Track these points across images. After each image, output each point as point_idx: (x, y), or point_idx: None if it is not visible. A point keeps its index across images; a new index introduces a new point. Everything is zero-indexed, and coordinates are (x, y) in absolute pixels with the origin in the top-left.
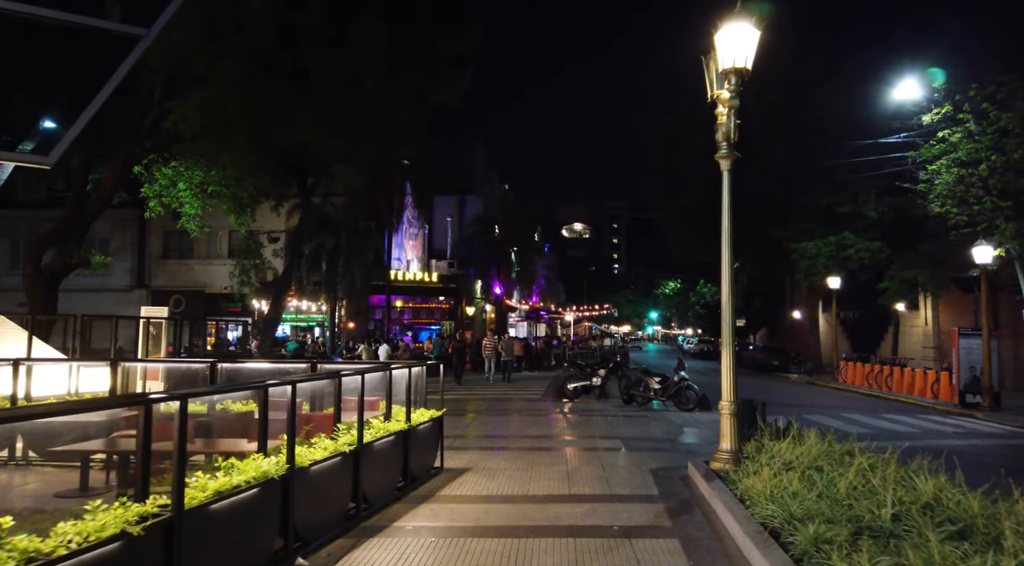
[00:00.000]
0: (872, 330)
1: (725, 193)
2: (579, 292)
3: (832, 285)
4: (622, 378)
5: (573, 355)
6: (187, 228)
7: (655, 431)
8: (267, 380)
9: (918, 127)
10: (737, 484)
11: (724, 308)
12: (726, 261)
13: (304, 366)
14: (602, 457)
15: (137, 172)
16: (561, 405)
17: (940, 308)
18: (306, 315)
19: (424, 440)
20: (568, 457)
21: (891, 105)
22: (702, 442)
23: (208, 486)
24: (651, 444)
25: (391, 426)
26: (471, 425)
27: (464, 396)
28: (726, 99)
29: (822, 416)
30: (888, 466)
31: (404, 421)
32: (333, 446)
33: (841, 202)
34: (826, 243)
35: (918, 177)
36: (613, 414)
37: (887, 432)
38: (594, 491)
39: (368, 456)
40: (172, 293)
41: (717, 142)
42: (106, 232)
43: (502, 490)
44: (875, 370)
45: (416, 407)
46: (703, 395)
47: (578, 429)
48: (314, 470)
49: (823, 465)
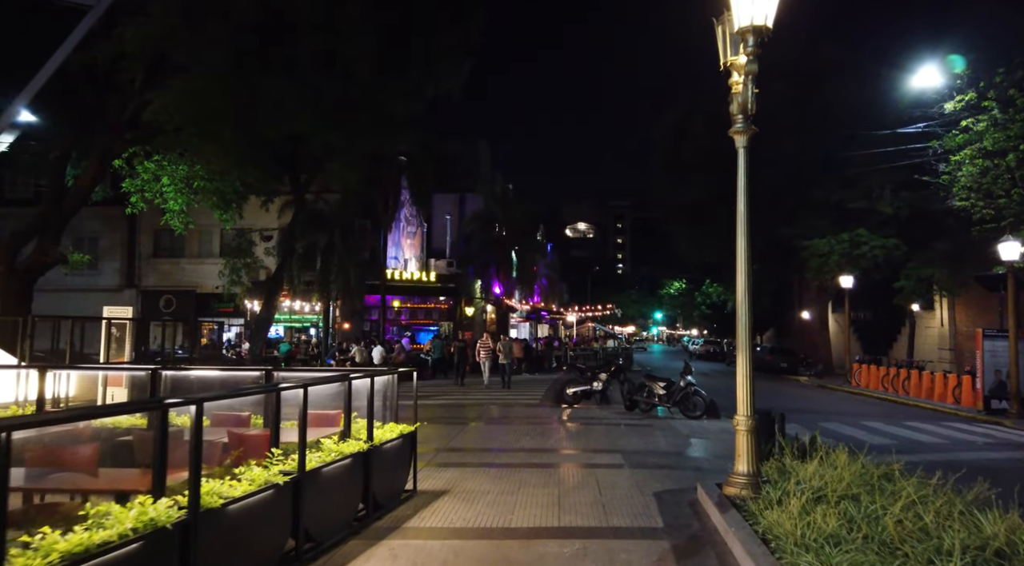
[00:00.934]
0: (884, 331)
1: (741, 173)
2: (583, 292)
3: (844, 284)
4: (624, 382)
5: (574, 357)
6: (171, 225)
7: (660, 442)
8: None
9: (939, 116)
10: (758, 518)
11: (739, 306)
12: (742, 251)
13: (257, 375)
14: (599, 476)
15: (118, 166)
16: (560, 412)
17: (956, 308)
18: (300, 316)
19: (392, 460)
20: (561, 476)
21: (910, 93)
22: (712, 456)
23: (56, 547)
24: (655, 459)
25: (346, 447)
26: (459, 435)
27: (458, 401)
28: (742, 65)
29: (839, 424)
30: (940, 496)
31: (366, 440)
32: (263, 477)
33: (854, 198)
34: (839, 240)
35: (938, 170)
36: (614, 422)
37: (912, 443)
38: (588, 522)
39: (314, 485)
40: (163, 293)
41: (731, 115)
42: (95, 230)
43: (480, 520)
44: (891, 373)
45: (385, 421)
46: (711, 401)
47: (575, 440)
48: (232, 510)
49: (859, 494)
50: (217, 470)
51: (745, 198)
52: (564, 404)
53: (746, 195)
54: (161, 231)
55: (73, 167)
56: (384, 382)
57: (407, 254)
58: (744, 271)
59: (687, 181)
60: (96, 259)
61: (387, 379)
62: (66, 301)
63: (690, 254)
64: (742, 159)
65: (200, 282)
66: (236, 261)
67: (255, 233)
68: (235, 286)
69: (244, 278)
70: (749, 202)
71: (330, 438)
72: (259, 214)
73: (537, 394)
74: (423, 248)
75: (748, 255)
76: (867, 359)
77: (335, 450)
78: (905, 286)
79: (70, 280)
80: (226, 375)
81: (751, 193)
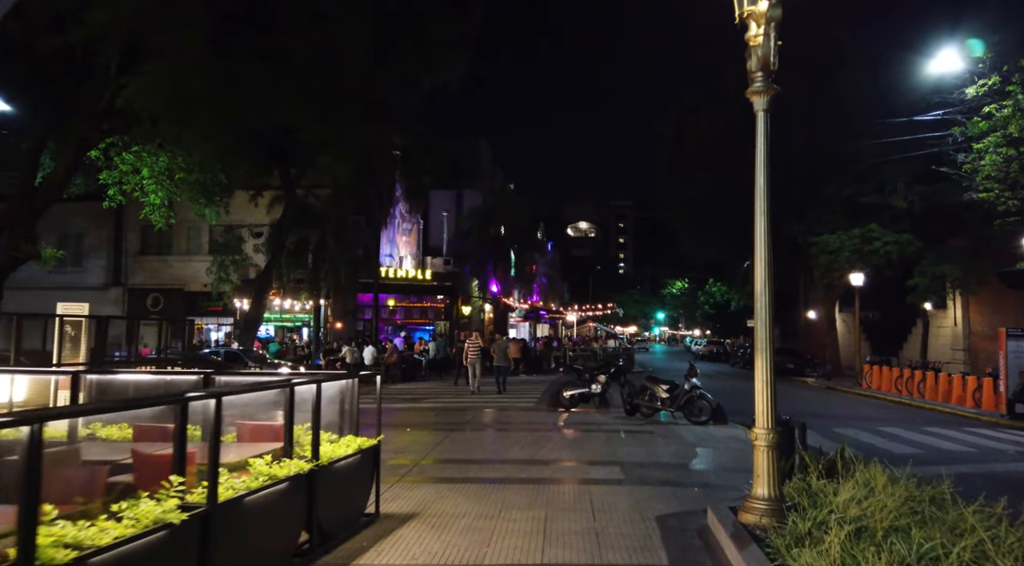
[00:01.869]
0: (893, 331)
1: (760, 141)
2: (584, 292)
3: (854, 282)
4: (625, 385)
5: (573, 357)
6: (152, 219)
7: (663, 452)
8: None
9: (960, 102)
10: (784, 558)
11: (758, 298)
12: (762, 234)
13: (195, 379)
14: (594, 495)
15: (94, 157)
16: (555, 416)
17: (971, 307)
18: (292, 315)
19: (346, 481)
20: (551, 495)
21: (927, 80)
22: (721, 469)
23: None
24: (658, 472)
25: (282, 469)
26: (442, 444)
27: (449, 404)
28: (762, 13)
29: (856, 430)
30: (1013, 532)
31: (310, 458)
32: (152, 515)
33: (865, 192)
34: (850, 236)
35: (957, 161)
36: (613, 428)
37: (937, 452)
38: (577, 557)
39: (232, 519)
40: (150, 291)
41: (749, 74)
42: (80, 227)
43: (449, 555)
44: (904, 375)
45: (342, 433)
46: (718, 405)
47: (570, 449)
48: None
49: (908, 525)
50: (93, 506)
51: (765, 170)
52: (560, 408)
53: (766, 167)
54: (149, 227)
55: (50, 158)
56: (340, 389)
57: (403, 252)
58: (764, 258)
59: (690, 177)
60: (82, 256)
61: (344, 385)
62: (51, 300)
63: (693, 252)
64: (761, 124)
65: (188, 280)
66: (224, 258)
67: (244, 229)
68: (223, 284)
69: (232, 276)
70: (770, 175)
71: (264, 457)
72: (248, 209)
73: (533, 397)
74: (420, 246)
75: (768, 239)
76: (878, 360)
77: (265, 473)
78: (919, 284)
79: (55, 278)
80: (157, 380)
81: (754, 191)
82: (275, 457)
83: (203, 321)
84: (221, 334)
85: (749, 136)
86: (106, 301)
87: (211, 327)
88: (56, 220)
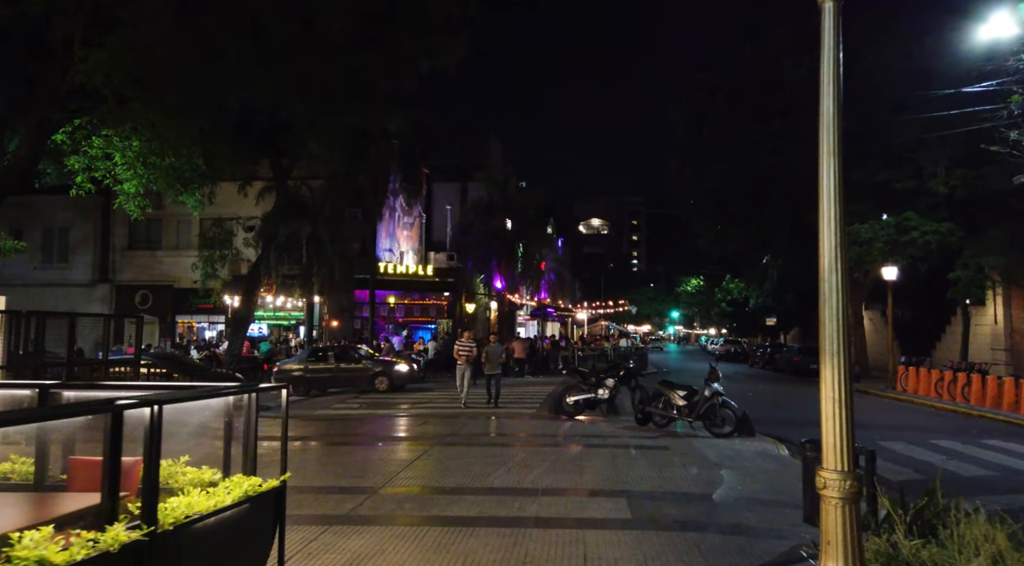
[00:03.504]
0: (925, 330)
1: (827, 42)
2: (596, 289)
3: (887, 276)
4: (636, 390)
5: (582, 357)
6: (127, 210)
7: (680, 478)
8: None
9: (1016, 71)
10: None
11: (825, 276)
12: (831, 180)
13: (29, 393)
14: (591, 547)
15: (59, 141)
16: (556, 427)
17: (1013, 302)
18: (287, 313)
19: (217, 548)
20: (531, 547)
21: (978, 48)
22: (755, 501)
23: None
24: (675, 508)
25: (77, 548)
26: (411, 466)
27: (437, 410)
28: None
29: (906, 444)
30: None
31: (142, 518)
32: None
33: (900, 178)
34: (883, 225)
35: (1008, 139)
36: (622, 443)
37: (1015, 474)
38: None
39: None
40: (139, 288)
41: None
42: (66, 220)
43: None
44: (946, 378)
45: (228, 472)
46: (744, 414)
47: (566, 473)
48: None
49: None
50: None
51: (834, 89)
52: (563, 415)
53: (835, 84)
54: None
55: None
56: (219, 407)
57: (403, 246)
58: (834, 217)
59: (707, 165)
60: (67, 252)
61: (227, 402)
62: (37, 297)
63: (711, 246)
64: (830, 19)
65: (178, 276)
66: (212, 253)
67: (235, 222)
68: (211, 280)
69: (222, 271)
70: (839, 98)
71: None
72: (239, 202)
73: (534, 402)
74: (422, 240)
75: (840, 191)
76: (913, 361)
77: (31, 559)
78: (963, 277)
79: (40, 275)
80: None
81: (777, 181)
82: (86, 522)
83: (194, 319)
84: (214, 333)
85: (774, 110)
86: (93, 298)
87: (203, 326)
88: (40, 213)
